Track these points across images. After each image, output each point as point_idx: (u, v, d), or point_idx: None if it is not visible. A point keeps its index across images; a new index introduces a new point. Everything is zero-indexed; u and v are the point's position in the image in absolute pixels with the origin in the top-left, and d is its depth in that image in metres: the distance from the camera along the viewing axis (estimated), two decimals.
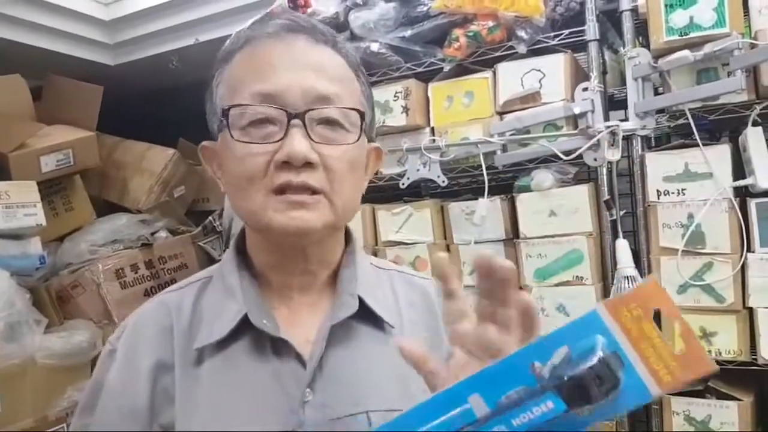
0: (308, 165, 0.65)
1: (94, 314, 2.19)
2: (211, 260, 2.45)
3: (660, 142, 1.80)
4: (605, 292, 1.53)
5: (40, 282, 2.16)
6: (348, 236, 0.80)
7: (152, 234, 2.38)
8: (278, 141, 0.65)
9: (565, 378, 0.44)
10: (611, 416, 0.44)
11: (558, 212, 1.56)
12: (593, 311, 0.46)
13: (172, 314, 0.72)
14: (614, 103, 1.71)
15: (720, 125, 1.59)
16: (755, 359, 1.39)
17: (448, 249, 1.73)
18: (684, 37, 1.41)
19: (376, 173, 1.80)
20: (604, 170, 1.53)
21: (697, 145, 1.42)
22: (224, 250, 2.45)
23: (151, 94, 2.79)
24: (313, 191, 0.66)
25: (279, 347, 0.68)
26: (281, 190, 0.66)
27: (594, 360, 0.44)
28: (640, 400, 0.45)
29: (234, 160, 0.67)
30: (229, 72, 0.71)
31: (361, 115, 0.70)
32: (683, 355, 0.44)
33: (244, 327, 0.68)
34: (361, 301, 0.72)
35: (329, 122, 0.68)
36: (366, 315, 0.72)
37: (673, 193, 1.46)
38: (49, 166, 2.20)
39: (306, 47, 0.69)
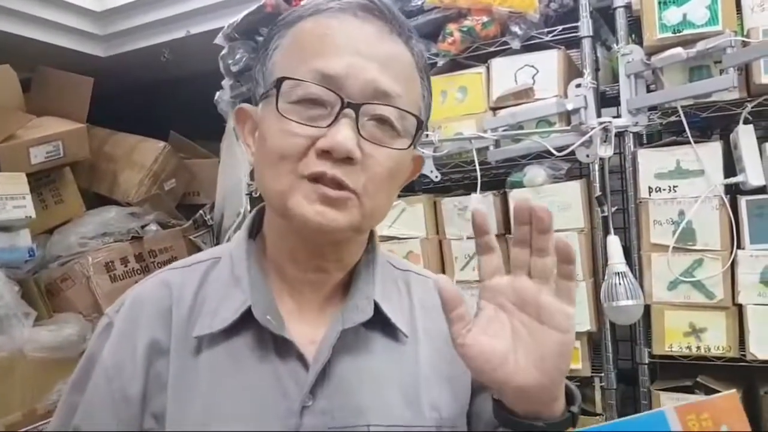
0: (348, 159, 0.61)
1: (83, 307, 2.17)
2: None
3: (652, 139, 1.81)
4: (596, 288, 1.54)
5: (29, 275, 2.14)
6: (371, 237, 0.76)
7: (142, 227, 2.37)
8: (325, 127, 0.61)
9: None
10: None
11: (550, 208, 1.53)
12: (661, 412, 0.46)
13: (173, 296, 0.68)
14: (606, 100, 1.72)
15: (712, 122, 1.60)
16: (744, 355, 1.41)
17: (440, 244, 1.73)
18: (677, 34, 1.41)
19: None
20: (596, 166, 1.54)
21: (689, 143, 1.43)
22: (215, 244, 2.44)
23: (142, 86, 2.77)
24: (345, 188, 0.61)
25: (281, 345, 0.64)
26: (315, 178, 0.61)
27: None
28: None
29: (273, 134, 0.63)
30: (290, 38, 0.66)
31: (419, 123, 0.66)
32: None
33: (248, 319, 0.64)
34: (376, 308, 0.68)
35: (382, 121, 0.63)
36: (379, 321, 0.68)
37: (664, 189, 1.47)
38: (39, 157, 2.18)
39: (378, 34, 0.65)
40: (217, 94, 1.91)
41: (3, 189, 1.98)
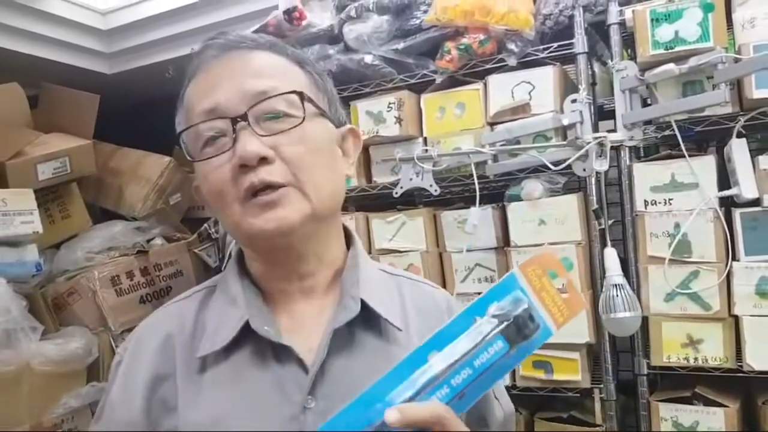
0: (264, 161, 0.66)
1: (89, 321, 2.19)
2: (207, 267, 2.46)
3: (650, 152, 1.83)
4: (594, 300, 1.56)
5: (36, 289, 2.17)
6: (349, 237, 0.80)
7: (148, 241, 2.39)
8: (231, 148, 0.66)
9: (510, 321, 0.58)
10: (529, 353, 0.60)
11: (548, 221, 1.59)
12: (512, 274, 0.61)
13: (174, 324, 0.73)
14: (605, 114, 1.74)
15: (707, 136, 1.63)
16: (741, 366, 1.42)
17: (440, 257, 1.75)
18: (669, 50, 1.44)
19: (370, 181, 1.83)
20: (593, 180, 1.56)
21: (684, 156, 1.45)
22: (220, 257, 2.47)
23: (148, 102, 2.80)
24: (278, 186, 0.66)
25: (280, 353, 0.68)
26: (249, 195, 0.66)
27: (522, 307, 0.58)
28: (546, 337, 0.60)
29: (204, 180, 0.70)
30: (182, 107, 0.74)
31: (300, 95, 0.69)
32: (568, 300, 0.61)
33: (247, 334, 0.68)
34: (364, 304, 0.71)
35: (274, 115, 0.68)
36: (370, 321, 0.71)
37: (660, 202, 1.49)
38: (46, 173, 2.21)
39: (240, 57, 0.71)
40: None
41: (11, 205, 2.01)
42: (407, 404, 0.55)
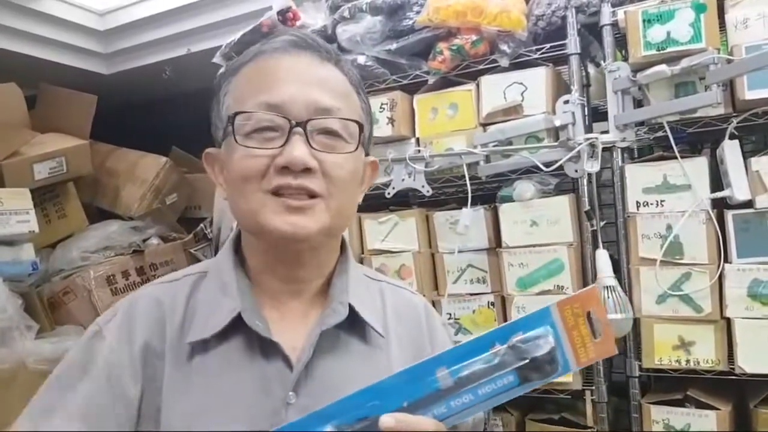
0: (307, 170, 0.68)
1: (84, 320, 2.20)
2: None
3: (642, 153, 1.83)
4: None
5: (32, 288, 2.18)
6: (342, 246, 0.82)
7: (144, 241, 2.40)
8: (280, 147, 0.68)
9: (528, 359, 0.58)
10: (538, 386, 0.60)
11: (540, 222, 1.58)
12: (547, 308, 0.60)
13: (165, 307, 0.73)
14: (599, 114, 1.74)
15: (700, 137, 1.62)
16: (732, 369, 1.41)
17: (432, 257, 1.75)
18: (661, 51, 1.44)
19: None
20: (585, 181, 1.56)
21: (676, 158, 1.45)
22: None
23: (144, 103, 2.82)
24: (311, 195, 0.69)
25: (267, 348, 0.69)
26: (279, 192, 0.68)
27: (546, 349, 0.58)
28: (563, 374, 0.60)
29: (235, 162, 0.70)
30: (236, 83, 0.74)
31: (360, 127, 0.74)
32: (598, 343, 0.60)
33: (237, 325, 0.69)
34: (351, 310, 0.73)
35: (329, 132, 0.71)
36: (355, 326, 0.74)
37: (652, 204, 1.49)
38: (42, 173, 2.22)
39: (311, 63, 0.73)
40: None
41: (7, 204, 2.03)
42: (405, 415, 0.57)
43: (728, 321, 1.42)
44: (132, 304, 0.74)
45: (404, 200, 1.96)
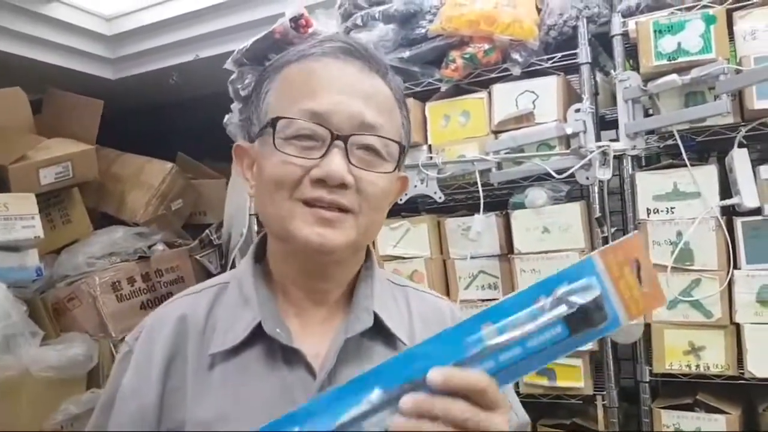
0: (343, 186, 0.67)
1: (90, 327, 2.19)
2: (208, 273, 2.46)
3: (652, 161, 1.85)
4: None
5: (36, 294, 2.17)
6: (368, 252, 0.81)
7: (149, 247, 2.39)
8: (318, 158, 0.67)
9: (575, 309, 0.55)
10: (591, 341, 0.57)
11: (551, 229, 1.60)
12: (589, 258, 0.57)
13: (187, 320, 0.73)
14: (606, 123, 1.76)
15: (708, 146, 1.65)
16: (742, 373, 1.43)
17: (444, 264, 1.77)
18: (672, 61, 1.46)
19: None
20: (596, 188, 1.58)
21: (686, 166, 1.47)
22: (221, 264, 2.47)
23: (151, 108, 2.82)
24: (343, 210, 0.68)
25: (290, 357, 0.69)
26: (311, 203, 0.67)
27: (592, 297, 0.55)
28: (613, 328, 0.56)
29: (271, 166, 0.69)
30: (280, 81, 0.73)
31: (401, 147, 0.73)
32: (647, 293, 0.56)
33: (258, 335, 0.69)
34: (376, 317, 0.73)
35: (369, 149, 0.70)
36: (379, 332, 0.73)
37: (662, 211, 1.51)
38: (48, 178, 2.21)
39: (359, 73, 0.71)
40: (227, 117, 1.96)
41: (12, 209, 2.02)
42: (453, 368, 0.54)
43: (738, 326, 1.44)
44: (156, 321, 0.74)
45: (415, 206, 1.97)
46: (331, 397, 0.55)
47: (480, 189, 1.66)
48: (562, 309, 0.55)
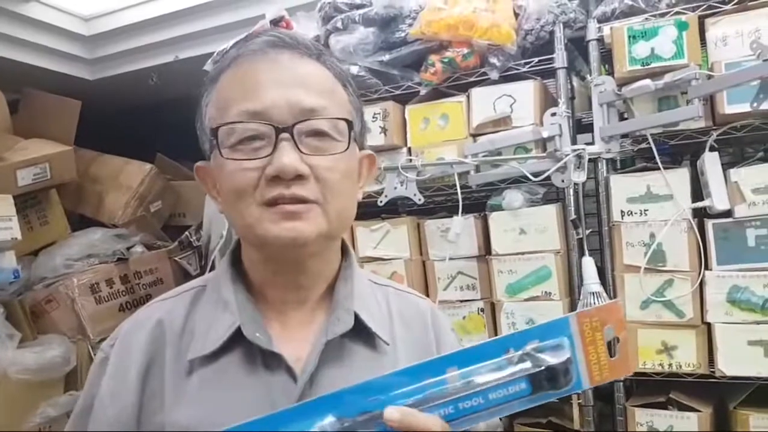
0: (299, 177, 0.66)
1: (68, 329, 2.17)
2: (187, 275, 2.45)
3: (626, 164, 1.89)
4: (572, 307, 1.60)
5: (13, 296, 2.14)
6: (345, 250, 0.80)
7: (128, 249, 2.38)
8: (268, 156, 0.66)
9: (542, 368, 0.55)
10: (550, 399, 0.57)
11: (528, 230, 1.62)
12: (566, 318, 0.57)
13: (164, 324, 0.72)
14: (582, 127, 1.80)
15: (681, 149, 1.68)
16: (713, 372, 1.46)
17: (423, 265, 1.78)
18: (646, 66, 1.49)
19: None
20: (571, 191, 1.60)
21: (659, 169, 1.50)
22: (201, 265, 2.46)
23: (130, 109, 2.80)
24: (306, 201, 0.67)
25: (270, 361, 0.68)
26: (273, 202, 0.66)
27: (562, 359, 0.56)
28: (574, 391, 0.57)
29: (226, 177, 0.68)
30: (217, 92, 0.71)
31: (349, 124, 0.71)
32: (615, 361, 0.57)
33: (237, 340, 0.68)
34: (357, 317, 0.72)
35: (318, 133, 0.68)
36: (360, 333, 0.72)
37: (636, 213, 1.54)
38: (26, 180, 2.18)
39: (291, 62, 0.70)
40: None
41: None
42: (410, 410, 0.54)
43: (709, 326, 1.47)
44: (132, 327, 0.74)
45: (394, 208, 1.99)
46: (283, 416, 0.55)
47: (459, 191, 1.67)
48: (528, 365, 0.55)
